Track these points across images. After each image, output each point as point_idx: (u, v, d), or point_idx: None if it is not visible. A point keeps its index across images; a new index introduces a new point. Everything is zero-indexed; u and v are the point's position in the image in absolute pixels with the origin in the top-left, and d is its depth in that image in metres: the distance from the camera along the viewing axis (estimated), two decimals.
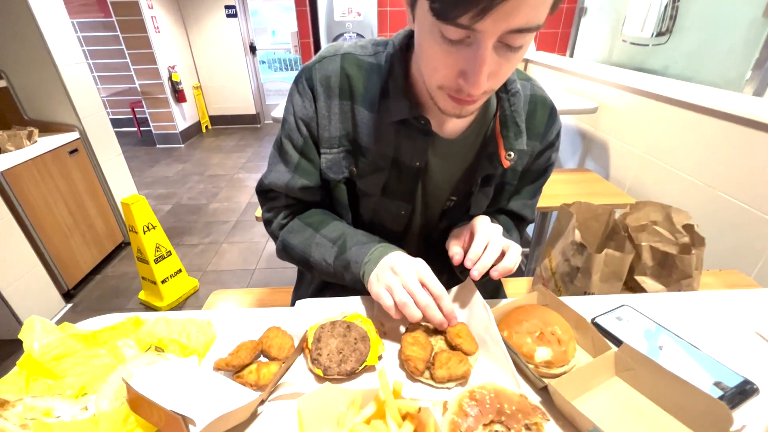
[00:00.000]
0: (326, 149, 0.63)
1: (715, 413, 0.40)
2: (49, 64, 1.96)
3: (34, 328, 0.49)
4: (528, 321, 0.53)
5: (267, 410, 0.45)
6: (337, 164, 0.63)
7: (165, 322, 0.54)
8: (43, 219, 1.88)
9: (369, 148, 0.61)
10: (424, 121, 0.57)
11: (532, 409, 0.41)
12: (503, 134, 0.59)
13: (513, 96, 0.59)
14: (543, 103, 0.65)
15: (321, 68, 0.60)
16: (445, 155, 0.63)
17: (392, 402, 0.34)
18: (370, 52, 0.60)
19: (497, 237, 0.56)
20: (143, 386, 0.38)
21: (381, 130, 0.60)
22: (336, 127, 0.61)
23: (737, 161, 1.15)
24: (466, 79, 0.43)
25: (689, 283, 0.78)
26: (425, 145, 0.60)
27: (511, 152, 0.59)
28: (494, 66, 0.42)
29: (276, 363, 0.48)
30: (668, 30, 1.71)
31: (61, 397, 0.44)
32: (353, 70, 0.59)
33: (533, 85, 0.64)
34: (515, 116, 0.59)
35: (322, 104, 0.60)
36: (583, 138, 1.97)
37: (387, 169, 0.62)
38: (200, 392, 0.43)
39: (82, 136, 2.13)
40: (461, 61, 0.42)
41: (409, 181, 0.64)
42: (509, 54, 0.42)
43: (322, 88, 0.60)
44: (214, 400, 0.42)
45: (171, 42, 4.40)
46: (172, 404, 0.36)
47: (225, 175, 3.75)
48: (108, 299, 2.10)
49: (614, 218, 0.91)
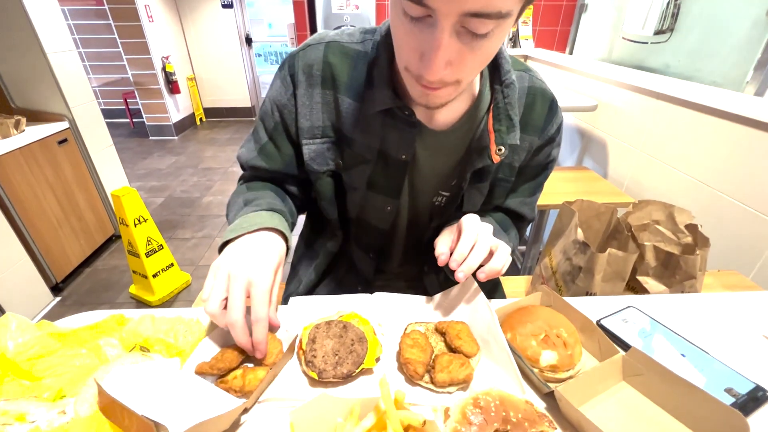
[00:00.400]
0: (308, 139, 0.60)
1: (729, 422, 0.38)
2: (37, 51, 1.90)
3: (9, 325, 0.46)
4: (532, 323, 0.51)
5: (251, 419, 0.42)
6: (320, 155, 0.61)
7: (151, 320, 0.51)
8: (30, 210, 1.83)
9: (354, 139, 0.59)
10: (409, 112, 0.54)
11: (539, 417, 0.39)
12: (495, 128, 0.56)
13: (507, 88, 0.56)
14: (542, 96, 0.61)
15: (304, 56, 0.58)
16: (434, 148, 0.60)
17: (394, 413, 0.32)
18: (357, 40, 0.58)
19: (485, 236, 0.53)
20: (116, 389, 0.36)
21: (367, 120, 0.57)
22: (318, 117, 0.59)
23: (736, 161, 1.14)
24: (423, 61, 0.41)
25: (692, 284, 0.77)
26: (412, 137, 0.57)
27: (501, 147, 0.56)
28: (454, 53, 0.40)
29: (263, 368, 0.45)
30: (669, 28, 1.70)
31: (36, 400, 0.41)
32: (336, 58, 0.57)
33: (532, 77, 0.61)
34: (508, 109, 0.56)
35: (303, 92, 0.58)
36: (582, 136, 1.95)
37: (373, 161, 0.60)
38: (179, 397, 0.40)
39: (71, 125, 2.08)
40: (421, 42, 0.41)
41: (395, 175, 0.61)
42: (474, 43, 0.40)
43: (304, 76, 0.58)
44: (193, 406, 0.39)
45: (165, 32, 4.31)
46: (145, 409, 0.33)
47: (219, 168, 3.70)
48: (98, 293, 2.06)
49: (617, 217, 0.90)
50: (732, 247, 1.15)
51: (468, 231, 0.53)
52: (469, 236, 0.52)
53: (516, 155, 0.63)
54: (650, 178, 1.49)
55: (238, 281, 0.45)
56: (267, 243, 0.51)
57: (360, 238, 0.71)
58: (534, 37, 2.69)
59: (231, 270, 0.46)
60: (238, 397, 0.43)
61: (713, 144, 1.21)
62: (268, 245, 0.51)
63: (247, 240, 0.51)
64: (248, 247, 0.50)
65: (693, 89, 1.28)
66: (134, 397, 0.35)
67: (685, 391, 0.41)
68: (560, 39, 2.74)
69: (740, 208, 1.12)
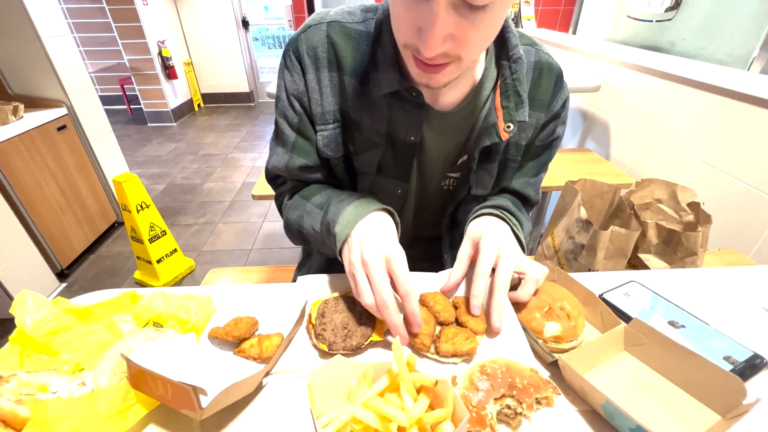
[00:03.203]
0: (321, 126, 0.59)
1: (727, 386, 0.39)
2: (32, 36, 1.87)
3: (26, 302, 0.47)
4: (536, 296, 0.52)
5: (273, 383, 0.44)
6: (333, 141, 0.60)
7: (163, 297, 0.52)
8: (33, 197, 1.83)
9: (362, 122, 0.58)
10: (416, 93, 0.53)
11: (544, 384, 0.40)
12: (503, 105, 0.55)
13: (515, 63, 0.55)
14: (549, 70, 0.60)
15: (307, 38, 0.56)
16: (441, 129, 0.59)
17: (407, 375, 0.33)
18: (358, 19, 0.56)
19: (507, 263, 0.50)
20: (144, 361, 0.37)
21: (373, 103, 0.56)
22: (328, 101, 0.58)
23: (740, 140, 1.13)
24: (421, 36, 0.41)
25: (693, 260, 0.78)
26: (419, 119, 0.56)
27: (510, 124, 0.55)
28: (452, 27, 0.39)
29: (278, 335, 0.47)
30: (676, 4, 1.67)
31: (57, 373, 0.43)
32: (340, 39, 0.55)
33: (538, 51, 0.60)
34: (516, 85, 0.55)
35: (312, 77, 0.57)
36: (584, 117, 1.94)
37: (382, 145, 0.59)
38: (203, 366, 0.42)
39: (70, 112, 2.06)
40: (418, 17, 0.40)
41: (404, 158, 0.60)
42: (472, 15, 0.38)
43: (310, 60, 0.56)
44: (218, 373, 0.41)
45: (160, 15, 4.22)
46: (178, 377, 0.35)
47: (219, 154, 3.68)
48: (103, 279, 2.08)
49: (619, 196, 0.90)
50: (733, 227, 1.16)
51: (485, 260, 0.50)
52: (485, 267, 0.50)
53: (523, 133, 0.62)
54: (653, 159, 1.49)
55: (375, 264, 0.46)
56: (382, 221, 0.52)
57: None
58: (536, 17, 2.64)
59: (365, 257, 0.47)
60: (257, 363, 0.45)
61: (717, 123, 1.20)
62: (385, 222, 0.52)
63: (363, 226, 0.51)
64: (368, 231, 0.50)
65: (698, 68, 1.27)
66: (163, 367, 0.36)
67: (685, 358, 0.42)
68: (563, 19, 2.69)
69: (742, 187, 1.12)
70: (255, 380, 0.40)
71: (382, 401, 0.31)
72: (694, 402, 0.42)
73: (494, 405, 0.38)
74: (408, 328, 0.47)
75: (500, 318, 0.48)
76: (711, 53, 1.54)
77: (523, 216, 0.68)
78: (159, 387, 0.35)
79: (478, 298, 0.49)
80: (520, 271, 0.52)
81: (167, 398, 0.36)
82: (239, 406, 0.42)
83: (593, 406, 0.42)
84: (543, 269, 0.52)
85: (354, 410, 0.32)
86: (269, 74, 5.46)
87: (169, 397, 0.36)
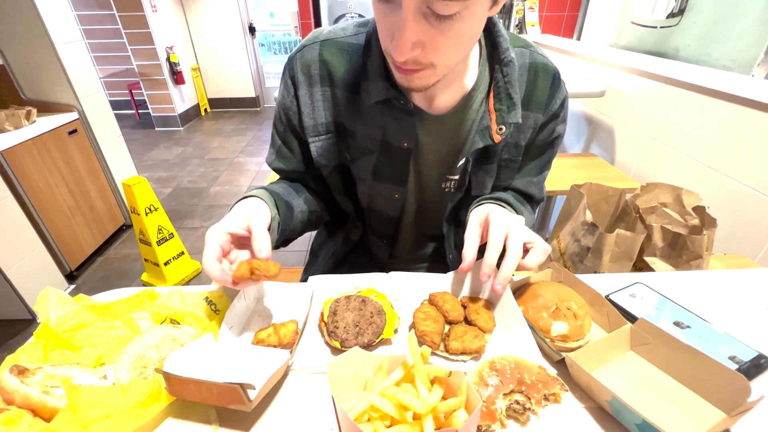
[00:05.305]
0: (314, 137, 0.63)
1: (732, 384, 0.40)
2: (45, 42, 1.91)
3: (50, 299, 0.49)
4: (544, 296, 0.53)
5: (288, 378, 0.46)
6: (328, 150, 0.63)
7: (180, 295, 0.54)
8: (44, 200, 1.87)
9: (356, 131, 0.61)
10: (404, 101, 0.55)
11: (552, 380, 0.41)
12: (496, 108, 0.57)
13: (506, 66, 0.56)
14: (544, 71, 0.61)
15: (301, 57, 0.60)
16: (435, 133, 0.61)
17: (422, 366, 0.34)
18: (350, 33, 0.59)
19: (517, 233, 0.49)
20: (180, 371, 0.39)
21: (366, 112, 0.59)
22: (321, 114, 0.61)
23: (746, 145, 1.14)
24: (393, 42, 0.43)
25: (699, 264, 0.78)
26: (411, 125, 0.58)
27: (502, 126, 0.57)
28: (421, 34, 0.42)
29: (292, 322, 0.49)
30: (680, 11, 1.68)
31: (79, 367, 0.44)
32: (332, 55, 0.59)
33: (532, 52, 0.60)
34: (508, 88, 0.57)
35: (304, 92, 0.60)
36: (589, 122, 1.95)
37: (376, 151, 0.61)
38: (233, 362, 0.44)
39: (81, 116, 2.10)
40: (391, 23, 0.43)
41: (399, 163, 0.62)
42: (441, 25, 0.41)
43: (304, 77, 0.60)
44: (250, 366, 0.43)
45: (168, 22, 4.29)
46: (221, 378, 0.37)
47: (225, 158, 3.72)
48: (111, 280, 2.11)
49: (625, 200, 0.91)
50: (739, 232, 1.16)
51: (496, 229, 0.49)
52: (497, 236, 0.49)
53: (522, 134, 0.63)
54: (658, 164, 1.50)
55: (211, 232, 0.47)
56: (239, 204, 0.54)
57: (373, 225, 0.74)
58: (540, 23, 2.66)
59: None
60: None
61: (721, 128, 1.21)
62: (239, 204, 0.53)
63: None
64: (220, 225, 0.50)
65: (702, 73, 1.28)
66: (199, 373, 0.38)
67: (690, 357, 0.43)
68: (567, 25, 2.71)
69: (748, 192, 1.13)
70: (284, 366, 0.44)
71: (399, 390, 0.33)
72: (699, 399, 0.43)
73: (503, 400, 0.39)
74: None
75: (503, 282, 0.47)
76: (716, 59, 1.55)
77: (525, 209, 0.68)
78: (203, 391, 0.38)
79: (490, 266, 0.48)
80: (528, 241, 0.51)
81: (212, 399, 0.38)
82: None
83: (600, 403, 0.43)
84: (548, 246, 0.52)
85: (372, 398, 0.33)
86: (275, 79, 5.52)
87: (214, 397, 0.38)
